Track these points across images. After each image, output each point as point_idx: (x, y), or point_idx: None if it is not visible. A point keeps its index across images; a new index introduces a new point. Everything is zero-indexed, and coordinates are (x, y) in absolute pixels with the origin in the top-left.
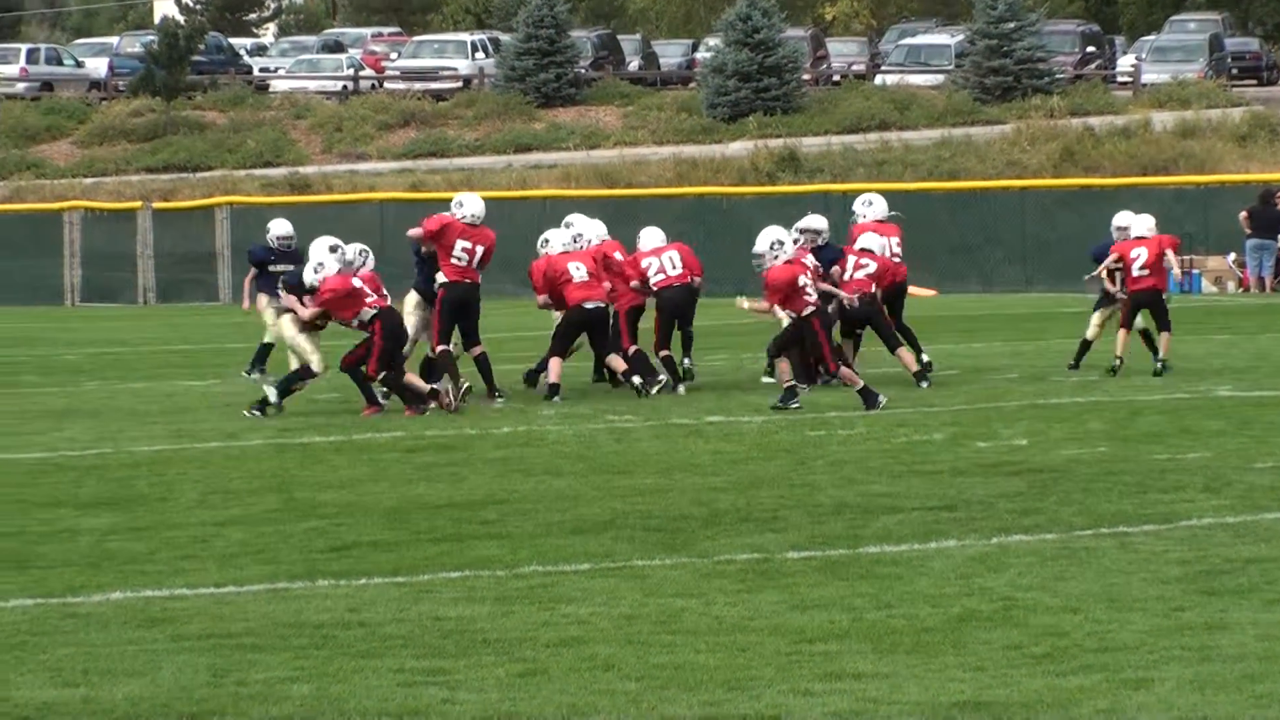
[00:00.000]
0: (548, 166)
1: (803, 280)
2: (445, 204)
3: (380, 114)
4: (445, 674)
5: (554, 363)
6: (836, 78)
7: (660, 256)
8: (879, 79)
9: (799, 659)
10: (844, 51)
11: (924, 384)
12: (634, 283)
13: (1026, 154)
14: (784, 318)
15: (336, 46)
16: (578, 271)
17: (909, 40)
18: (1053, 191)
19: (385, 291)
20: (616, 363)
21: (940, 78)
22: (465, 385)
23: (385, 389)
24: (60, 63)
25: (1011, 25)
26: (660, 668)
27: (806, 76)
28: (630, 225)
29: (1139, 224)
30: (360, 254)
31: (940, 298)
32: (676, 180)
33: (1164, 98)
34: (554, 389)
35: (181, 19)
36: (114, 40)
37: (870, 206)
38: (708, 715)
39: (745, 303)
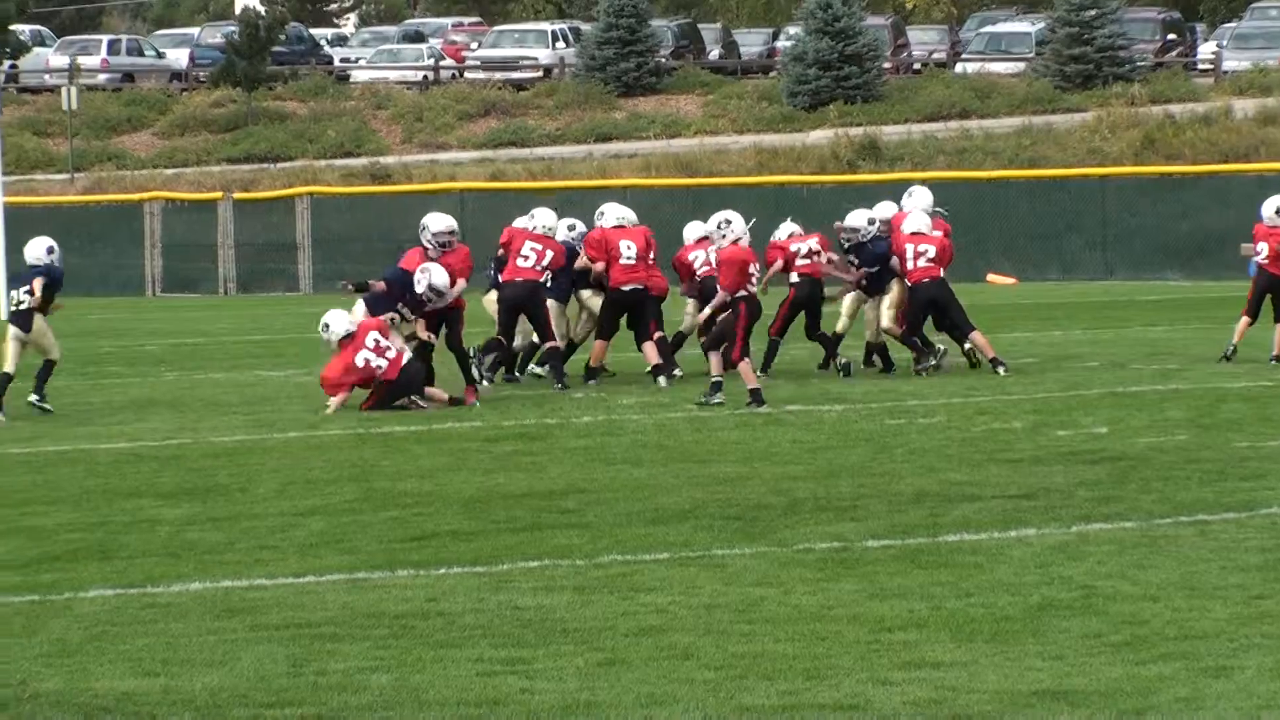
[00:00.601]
0: (628, 156)
1: (752, 269)
2: (525, 194)
3: (460, 104)
4: (524, 663)
5: (598, 345)
6: (917, 66)
7: (707, 250)
8: (959, 67)
9: (878, 648)
10: (924, 39)
11: (1000, 370)
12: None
13: (1107, 142)
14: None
15: (417, 36)
16: (627, 251)
17: (989, 28)
18: (1133, 179)
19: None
20: (650, 353)
21: (1021, 65)
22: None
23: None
24: (141, 54)
25: (1092, 13)
26: (739, 657)
27: (887, 65)
28: (710, 215)
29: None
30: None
31: (1020, 286)
32: (757, 169)
33: (1245, 85)
34: (592, 373)
35: (262, 9)
36: (195, 31)
37: (911, 198)
38: (787, 704)
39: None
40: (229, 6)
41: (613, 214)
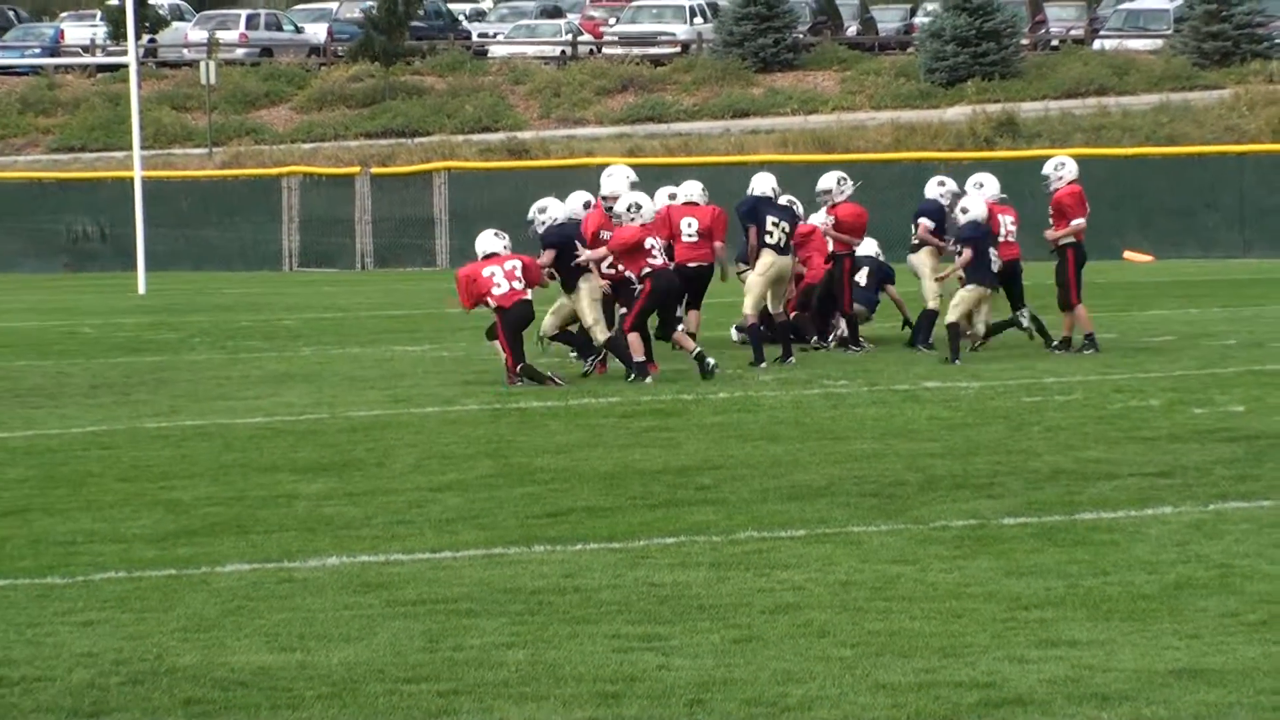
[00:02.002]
0: (765, 132)
1: (650, 243)
2: (664, 169)
3: (598, 79)
4: (660, 640)
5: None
6: (1055, 42)
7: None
8: (1097, 44)
9: (1014, 626)
10: (1062, 16)
11: (1061, 350)
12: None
13: (1245, 119)
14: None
15: (555, 12)
16: (688, 228)
17: (1127, 5)
18: (1272, 156)
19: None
20: (684, 339)
21: (1159, 42)
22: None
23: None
24: (280, 28)
25: None
26: (875, 634)
27: (1025, 41)
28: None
29: None
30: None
31: (1157, 263)
32: (894, 145)
33: None
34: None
35: None
36: (333, 5)
37: (981, 189)
38: (923, 682)
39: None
40: None
41: (684, 191)
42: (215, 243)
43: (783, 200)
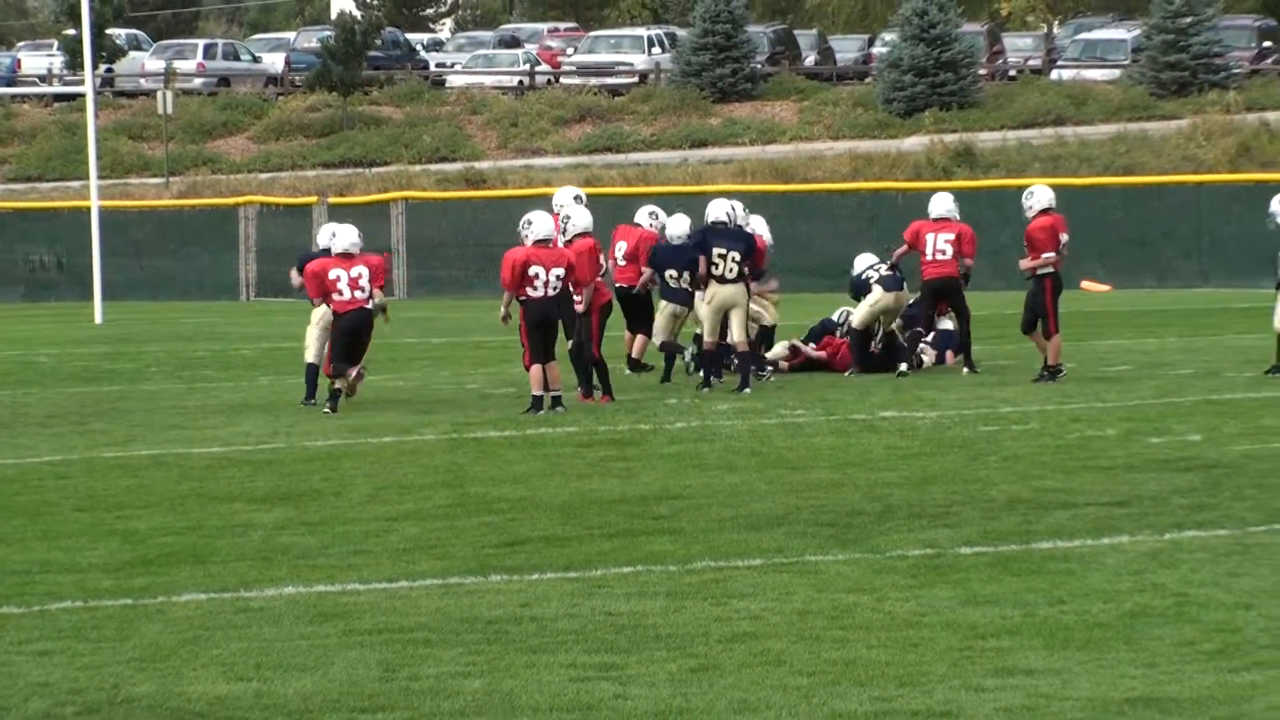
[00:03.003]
0: (723, 162)
1: (534, 270)
2: (621, 199)
3: (556, 109)
4: (617, 669)
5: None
6: (1012, 73)
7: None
8: (1055, 74)
9: (971, 654)
10: (1020, 46)
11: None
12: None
13: (1202, 149)
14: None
15: (513, 42)
16: (618, 251)
17: (1085, 35)
18: (1229, 186)
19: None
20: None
21: (1116, 72)
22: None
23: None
24: (237, 58)
25: (1188, 20)
26: (832, 663)
27: (982, 71)
28: (805, 220)
29: None
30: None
31: (1114, 293)
32: (851, 175)
33: None
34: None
35: (358, 14)
36: (291, 36)
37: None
38: (879, 711)
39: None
40: (325, 11)
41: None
42: (172, 272)
43: (750, 226)
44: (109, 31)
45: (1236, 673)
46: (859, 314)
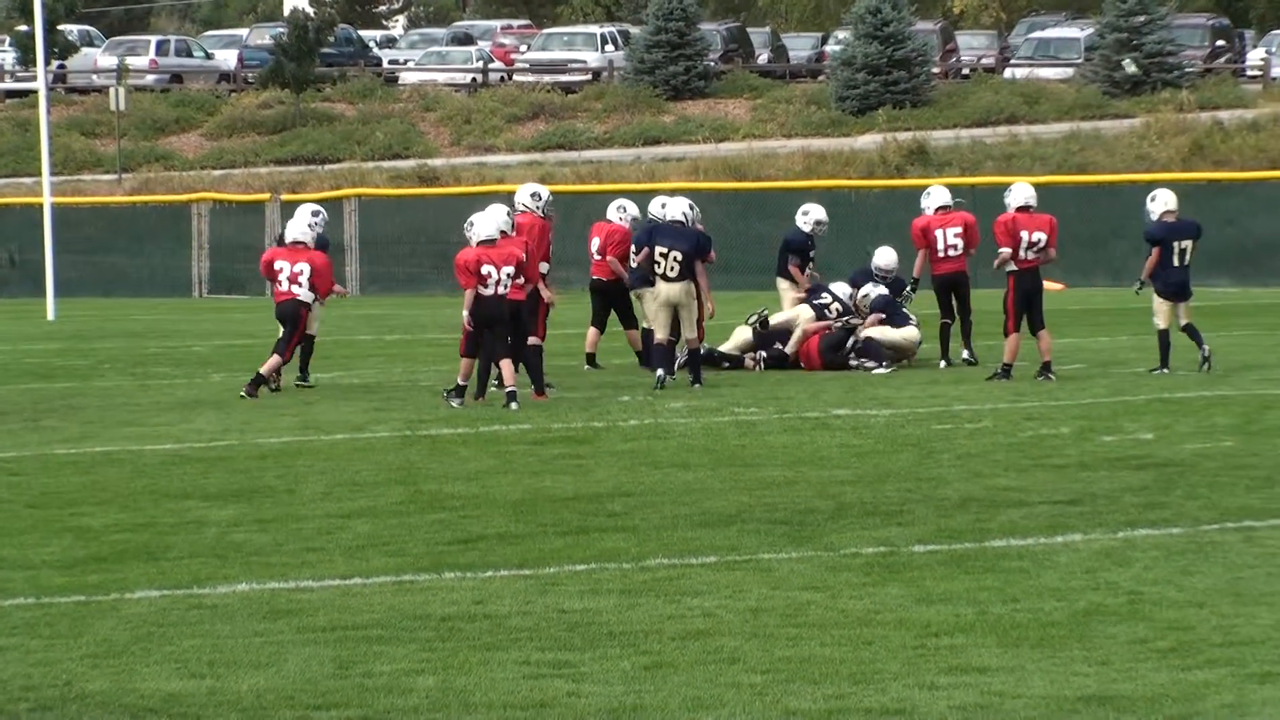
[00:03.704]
0: (676, 159)
1: (486, 269)
2: (575, 197)
3: (509, 106)
4: (570, 666)
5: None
6: (966, 71)
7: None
8: (1008, 72)
9: (924, 653)
10: (973, 45)
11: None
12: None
13: (1155, 148)
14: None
15: (466, 39)
16: (592, 245)
17: (1038, 33)
18: (1181, 185)
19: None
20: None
21: (1069, 71)
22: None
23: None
24: (190, 55)
25: (1141, 19)
26: (785, 661)
27: (936, 70)
28: (759, 218)
29: None
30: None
31: (1067, 291)
32: (805, 173)
33: None
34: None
35: (311, 11)
36: (243, 32)
37: (929, 198)
38: (832, 709)
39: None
40: (278, 8)
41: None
42: (125, 269)
43: (702, 225)
44: (61, 28)
45: (1189, 671)
46: (885, 333)
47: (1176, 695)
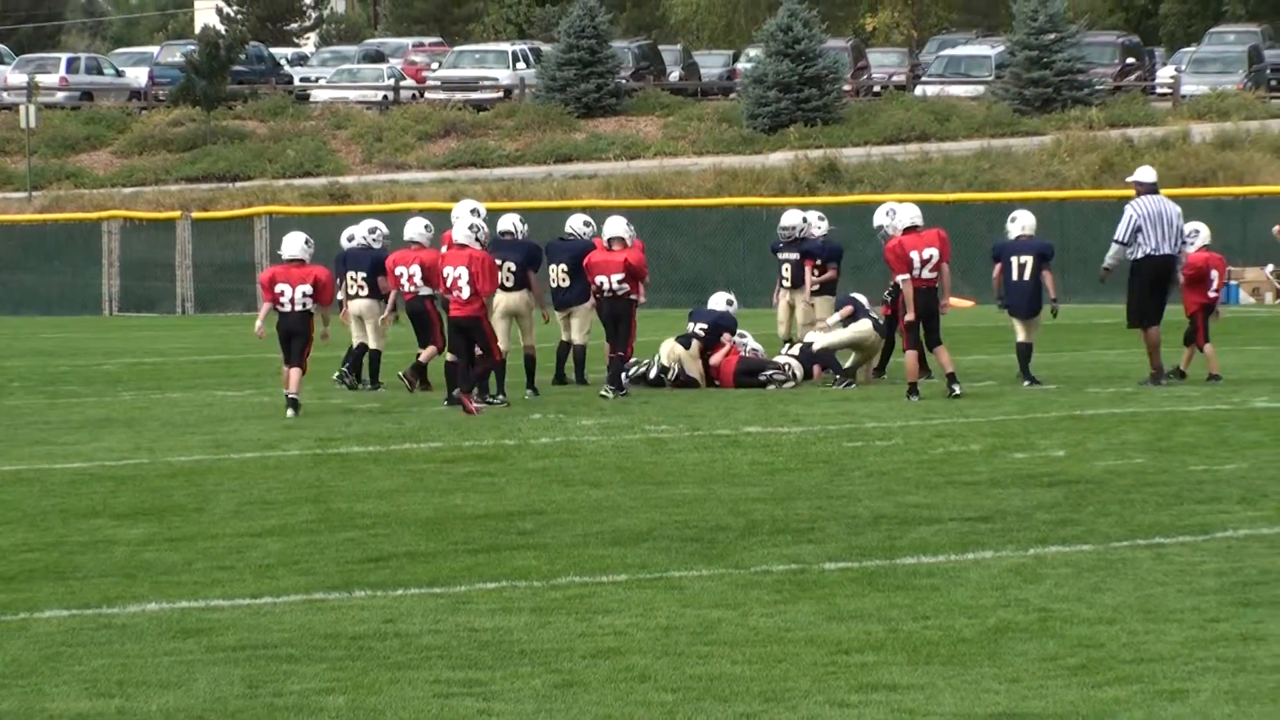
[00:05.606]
0: (588, 177)
1: (280, 287)
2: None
3: (420, 124)
4: (481, 685)
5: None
6: (877, 88)
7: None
8: (919, 90)
9: (835, 670)
10: (884, 62)
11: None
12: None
13: (1066, 165)
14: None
15: (377, 56)
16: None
17: (949, 51)
18: (1092, 203)
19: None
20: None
21: (980, 89)
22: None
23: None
24: (100, 72)
25: (1052, 37)
26: (697, 679)
27: (847, 87)
28: (670, 236)
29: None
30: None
31: (978, 308)
32: (716, 191)
33: (1203, 109)
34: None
35: (222, 28)
36: (154, 50)
37: (894, 216)
38: None
39: None
40: (188, 25)
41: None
42: (34, 287)
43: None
44: None
45: (1099, 688)
46: (835, 337)
47: (1086, 712)
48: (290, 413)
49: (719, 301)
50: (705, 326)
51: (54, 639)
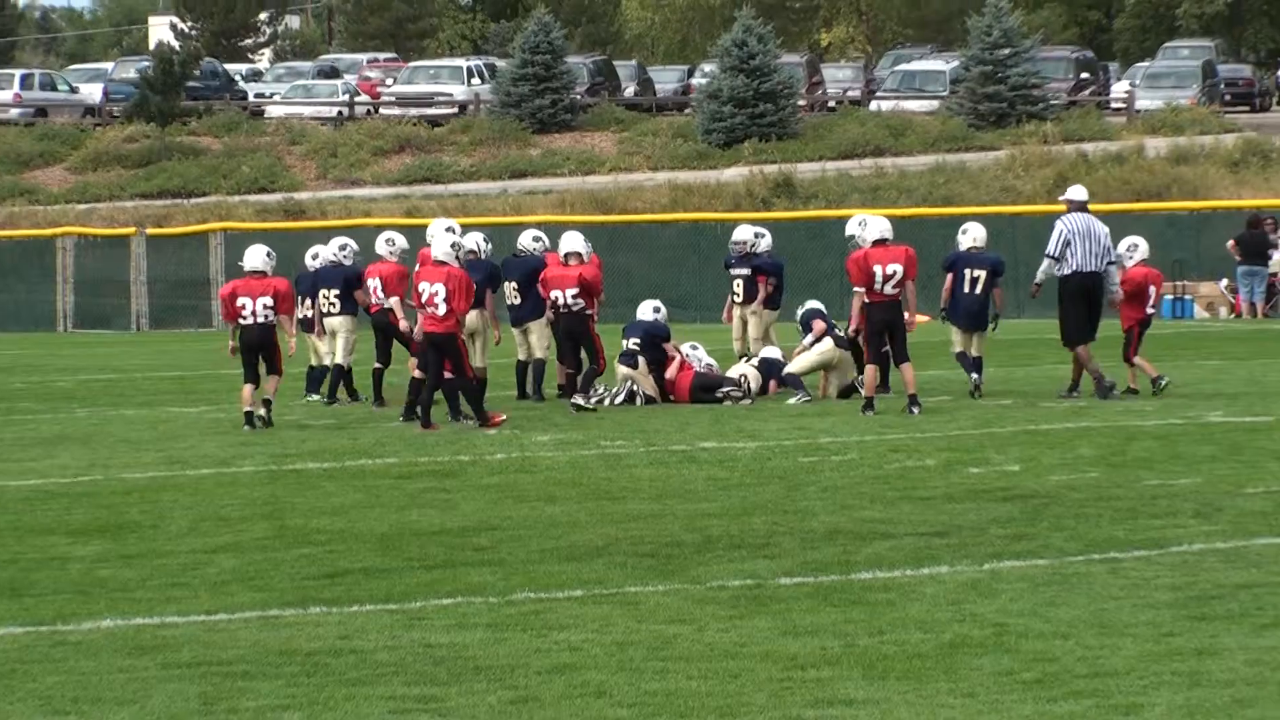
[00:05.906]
0: (543, 192)
1: (241, 300)
2: None
3: (375, 140)
4: (437, 701)
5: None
6: (832, 104)
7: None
8: (874, 105)
9: (790, 685)
10: (839, 77)
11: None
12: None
13: (1020, 180)
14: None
15: (332, 72)
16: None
17: (904, 66)
18: (1046, 218)
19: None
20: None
21: (935, 104)
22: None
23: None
24: (54, 88)
25: (1006, 52)
26: (652, 694)
27: (802, 102)
28: (625, 251)
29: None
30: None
31: (933, 324)
32: (671, 206)
33: (1157, 124)
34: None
35: (177, 45)
36: (109, 66)
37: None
38: None
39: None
40: (143, 41)
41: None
42: None
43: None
44: None
45: (1054, 702)
46: (804, 361)
47: None
48: (247, 427)
49: (646, 311)
50: (638, 340)
51: (9, 656)
